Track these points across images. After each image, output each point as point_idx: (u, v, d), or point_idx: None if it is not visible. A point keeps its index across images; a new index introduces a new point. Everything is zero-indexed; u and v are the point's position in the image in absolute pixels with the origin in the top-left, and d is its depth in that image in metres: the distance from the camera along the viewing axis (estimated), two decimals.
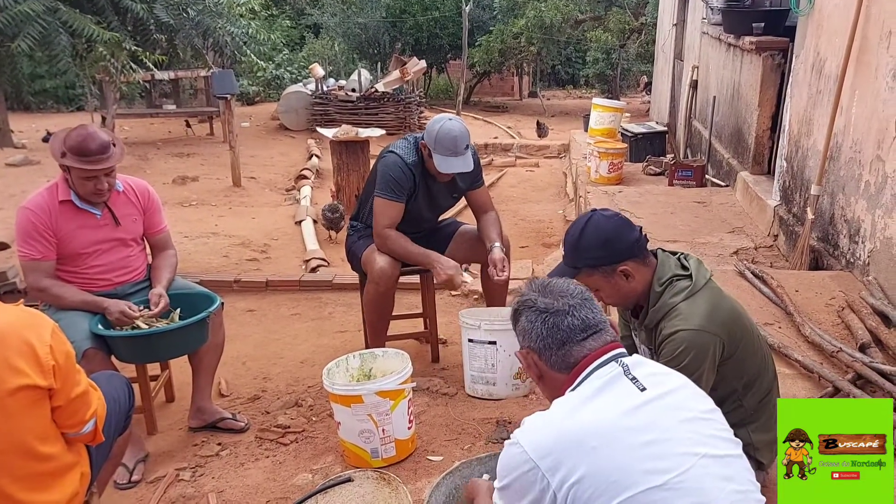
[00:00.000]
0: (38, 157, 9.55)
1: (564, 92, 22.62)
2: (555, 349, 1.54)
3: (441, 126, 3.19)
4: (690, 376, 1.90)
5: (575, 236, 2.06)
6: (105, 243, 3.00)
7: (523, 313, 1.60)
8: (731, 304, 2.08)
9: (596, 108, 8.60)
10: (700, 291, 2.00)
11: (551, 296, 1.58)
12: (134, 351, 2.92)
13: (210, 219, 7.01)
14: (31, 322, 1.76)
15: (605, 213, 2.09)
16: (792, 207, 4.70)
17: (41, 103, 15.54)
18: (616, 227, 2.04)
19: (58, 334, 1.80)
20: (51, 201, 2.88)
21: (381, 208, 3.30)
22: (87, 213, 2.95)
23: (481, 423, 3.07)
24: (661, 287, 2.02)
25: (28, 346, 1.71)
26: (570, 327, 1.53)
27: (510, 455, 1.43)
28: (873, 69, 3.60)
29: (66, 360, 1.79)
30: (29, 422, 1.73)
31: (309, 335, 4.27)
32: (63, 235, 2.88)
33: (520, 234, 6.86)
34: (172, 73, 11.97)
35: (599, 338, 1.54)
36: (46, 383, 1.73)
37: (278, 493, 2.70)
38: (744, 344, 2.04)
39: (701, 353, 1.92)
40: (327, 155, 8.56)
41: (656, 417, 1.41)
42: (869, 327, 3.05)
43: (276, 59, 17.04)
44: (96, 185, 2.86)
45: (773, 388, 2.17)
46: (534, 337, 1.56)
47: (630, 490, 1.31)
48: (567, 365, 1.53)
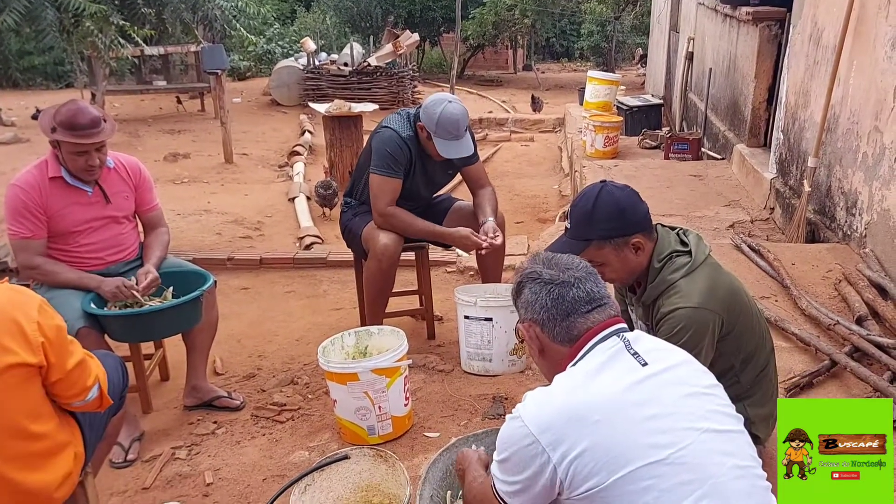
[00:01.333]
0: (27, 134, 9.45)
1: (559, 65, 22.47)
2: (559, 320, 1.53)
3: (443, 110, 3.13)
4: (690, 353, 1.90)
5: (588, 207, 1.99)
6: (96, 221, 2.96)
7: (527, 285, 1.58)
8: (730, 281, 2.06)
9: (591, 82, 8.53)
10: (699, 268, 1.98)
11: (557, 268, 1.58)
12: (127, 330, 2.89)
13: (202, 196, 6.95)
14: (18, 299, 1.74)
15: (617, 185, 2.04)
16: (788, 180, 4.68)
17: (30, 80, 15.34)
18: (629, 198, 2.01)
19: (45, 309, 1.78)
20: (41, 178, 2.83)
21: (379, 185, 3.25)
22: (77, 190, 2.90)
23: (478, 400, 3.07)
24: (659, 263, 2.00)
25: (15, 324, 1.69)
26: (574, 299, 1.53)
27: (511, 429, 1.43)
28: (872, 39, 3.55)
29: (56, 335, 1.77)
30: (19, 401, 1.71)
31: (303, 313, 4.25)
32: (53, 213, 2.84)
33: (515, 209, 6.83)
34: (162, 49, 11.81)
35: (603, 311, 1.54)
36: (36, 360, 1.71)
37: (275, 470, 2.70)
38: (742, 320, 2.02)
39: (700, 330, 1.91)
40: (320, 130, 8.49)
41: (658, 392, 1.40)
42: (866, 300, 3.05)
43: (266, 33, 16.85)
44: (87, 161, 2.81)
45: (770, 362, 2.16)
46: (538, 308, 1.55)
47: (631, 464, 1.31)
48: (570, 337, 1.52)
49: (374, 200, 3.26)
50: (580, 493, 1.34)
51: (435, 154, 3.24)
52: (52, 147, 2.84)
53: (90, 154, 2.80)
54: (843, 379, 2.65)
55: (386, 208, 3.24)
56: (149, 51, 10.89)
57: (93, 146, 2.79)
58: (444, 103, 3.16)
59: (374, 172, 3.25)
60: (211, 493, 2.60)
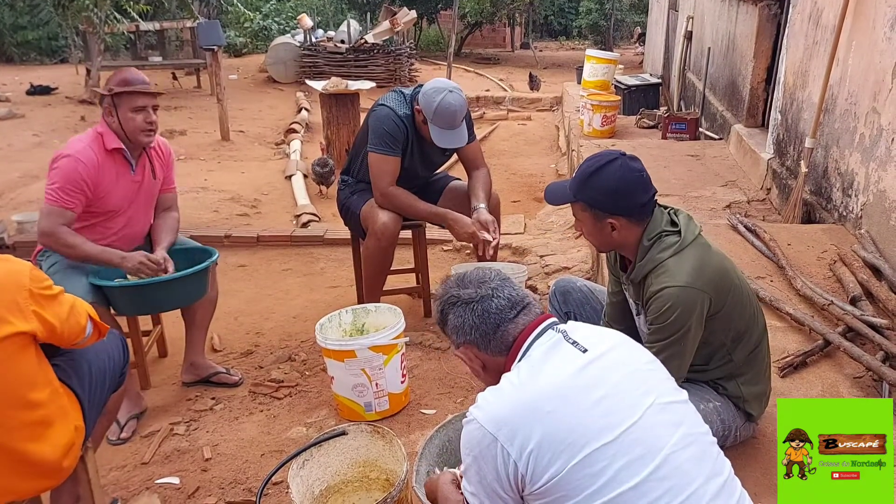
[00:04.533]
0: (22, 110, 9.39)
1: (557, 43, 22.35)
2: (491, 334, 1.55)
3: (442, 99, 3.11)
4: (678, 332, 1.91)
5: (589, 171, 1.99)
6: (129, 201, 2.93)
7: (450, 311, 1.61)
8: (719, 260, 2.07)
9: (589, 60, 8.48)
10: (688, 247, 1.99)
11: (471, 286, 1.60)
12: (133, 302, 2.85)
13: (199, 173, 6.93)
14: (8, 268, 1.76)
15: (632, 164, 2.00)
16: (785, 160, 4.68)
17: (24, 55, 15.23)
18: (631, 183, 1.98)
19: (34, 272, 1.80)
20: (99, 154, 2.79)
21: (378, 164, 3.23)
22: (127, 167, 2.88)
23: (473, 377, 3.07)
24: (649, 242, 2.01)
25: (7, 294, 1.71)
26: (499, 308, 1.55)
27: (469, 432, 1.44)
28: (871, 19, 3.54)
29: (46, 295, 1.80)
30: (18, 369, 1.74)
31: (301, 290, 4.26)
32: (101, 191, 2.80)
33: (511, 188, 6.83)
34: (158, 24, 11.73)
35: (530, 311, 1.57)
36: (30, 328, 1.74)
37: (273, 446, 2.73)
38: (731, 299, 2.04)
39: (687, 309, 1.92)
40: (317, 108, 8.45)
41: (603, 375, 1.43)
42: (860, 280, 3.06)
43: (263, 9, 16.72)
44: (146, 118, 2.81)
45: (763, 341, 2.18)
46: (468, 330, 1.57)
47: (586, 449, 1.33)
48: (507, 345, 1.54)
49: (375, 180, 3.25)
50: (541, 486, 1.35)
51: (428, 136, 3.23)
52: (106, 116, 2.81)
53: (147, 111, 2.81)
54: (836, 358, 2.67)
55: (388, 188, 3.24)
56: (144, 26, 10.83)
57: (150, 101, 2.81)
58: (444, 92, 3.13)
59: (372, 151, 3.24)
60: (209, 468, 2.63)
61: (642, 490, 1.31)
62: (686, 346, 1.95)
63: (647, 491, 1.31)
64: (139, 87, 2.78)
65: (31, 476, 1.80)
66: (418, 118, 3.23)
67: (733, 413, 2.12)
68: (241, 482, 2.55)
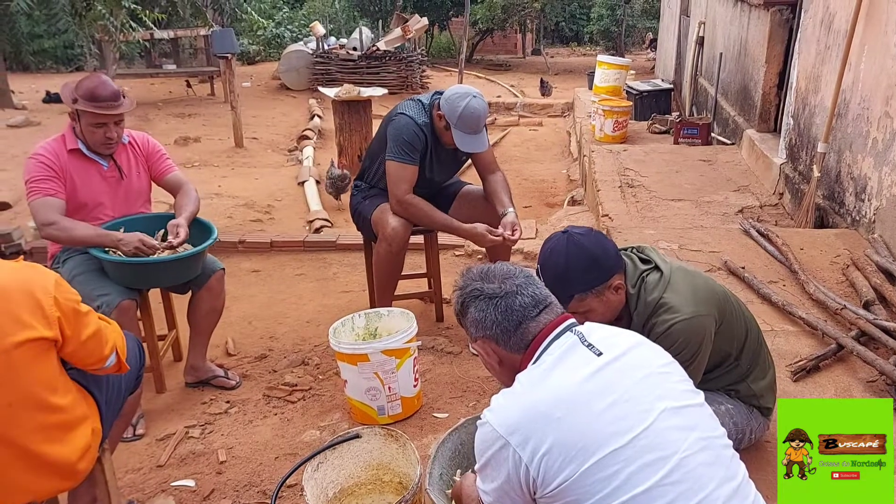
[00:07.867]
0: (38, 118, 9.48)
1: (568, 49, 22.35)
2: (512, 331, 1.54)
3: (467, 104, 3.13)
4: (693, 359, 1.93)
5: (560, 266, 1.94)
6: (109, 196, 3.02)
7: (471, 304, 1.59)
8: (704, 279, 2.10)
9: (601, 66, 8.49)
10: (673, 278, 2.00)
11: (496, 280, 1.58)
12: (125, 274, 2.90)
13: (213, 180, 6.99)
14: (35, 276, 1.79)
15: (580, 232, 2.00)
16: (798, 165, 4.67)
17: (40, 63, 15.38)
18: (597, 243, 1.97)
19: (61, 284, 1.83)
20: (59, 149, 2.89)
21: (397, 173, 3.25)
22: (94, 163, 2.96)
23: (485, 381, 3.10)
24: (634, 289, 2.01)
25: (33, 300, 1.73)
26: (522, 306, 1.53)
27: (482, 435, 1.45)
28: (883, 24, 3.54)
29: (71, 308, 1.82)
30: (38, 373, 1.76)
31: (314, 295, 4.29)
32: (72, 183, 2.89)
33: (523, 193, 6.83)
34: (172, 32, 11.81)
35: (551, 311, 1.56)
36: (52, 334, 1.76)
37: (287, 448, 2.75)
38: (727, 308, 2.07)
39: (699, 336, 1.94)
40: (329, 115, 8.50)
41: (615, 379, 1.43)
42: (873, 285, 3.06)
43: (276, 16, 16.83)
44: (105, 133, 2.87)
45: (760, 337, 2.21)
46: (489, 324, 1.55)
47: (597, 454, 1.33)
48: (526, 343, 1.54)
49: (393, 187, 3.28)
50: (553, 489, 1.36)
51: (448, 142, 3.26)
52: (71, 119, 2.90)
53: (109, 126, 2.87)
54: (849, 362, 2.67)
55: (405, 196, 3.26)
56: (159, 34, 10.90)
57: (112, 119, 2.86)
58: (468, 97, 3.15)
59: (390, 159, 3.26)
60: (224, 470, 2.65)
61: (654, 494, 1.32)
62: (699, 366, 1.98)
63: (659, 495, 1.32)
64: (100, 109, 2.81)
65: (49, 477, 1.82)
66: (440, 124, 3.25)
67: (746, 415, 2.13)
68: (255, 485, 2.57)
